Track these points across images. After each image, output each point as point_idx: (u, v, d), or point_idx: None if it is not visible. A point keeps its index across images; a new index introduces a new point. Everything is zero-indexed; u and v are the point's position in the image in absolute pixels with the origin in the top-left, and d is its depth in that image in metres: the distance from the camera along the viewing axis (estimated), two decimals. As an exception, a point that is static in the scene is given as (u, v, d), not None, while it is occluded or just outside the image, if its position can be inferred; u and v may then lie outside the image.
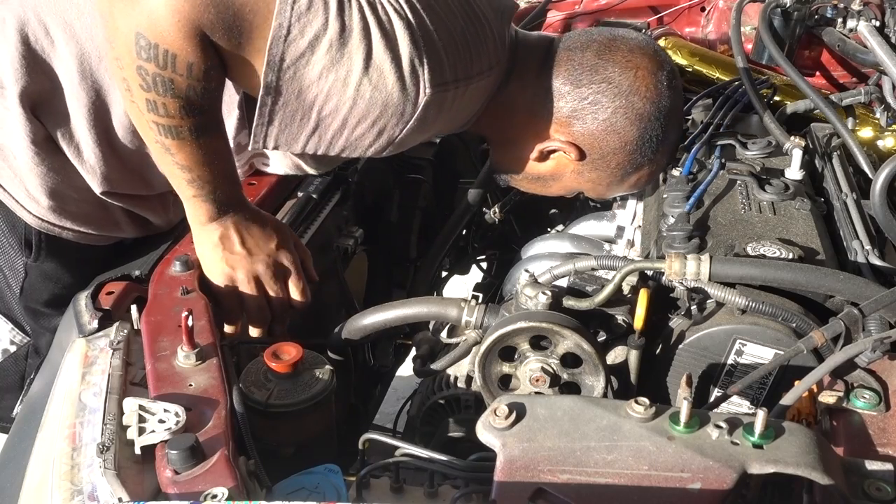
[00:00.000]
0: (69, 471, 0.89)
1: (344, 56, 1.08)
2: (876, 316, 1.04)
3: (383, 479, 1.02)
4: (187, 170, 1.16)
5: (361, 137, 1.17)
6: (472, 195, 1.72)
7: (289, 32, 1.06)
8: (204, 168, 1.17)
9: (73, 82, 1.28)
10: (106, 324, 1.13)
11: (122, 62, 1.09)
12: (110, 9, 1.07)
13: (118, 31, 1.07)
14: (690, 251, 1.19)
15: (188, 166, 1.16)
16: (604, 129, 1.29)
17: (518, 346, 1.12)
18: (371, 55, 1.09)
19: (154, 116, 1.11)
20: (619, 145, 1.30)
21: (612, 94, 1.27)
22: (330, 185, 1.56)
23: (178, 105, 1.10)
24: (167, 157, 1.16)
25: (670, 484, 0.79)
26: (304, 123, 1.14)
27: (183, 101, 1.10)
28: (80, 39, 1.27)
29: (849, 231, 1.29)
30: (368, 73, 1.09)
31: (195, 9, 1.04)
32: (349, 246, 1.54)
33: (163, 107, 1.10)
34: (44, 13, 1.26)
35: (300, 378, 1.09)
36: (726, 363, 1.10)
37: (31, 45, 1.26)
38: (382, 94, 1.11)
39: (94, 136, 1.31)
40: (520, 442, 0.83)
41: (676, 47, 1.97)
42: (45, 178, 1.33)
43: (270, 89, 1.10)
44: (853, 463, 0.86)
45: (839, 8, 1.77)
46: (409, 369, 1.34)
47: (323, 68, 1.09)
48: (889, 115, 1.61)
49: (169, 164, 1.17)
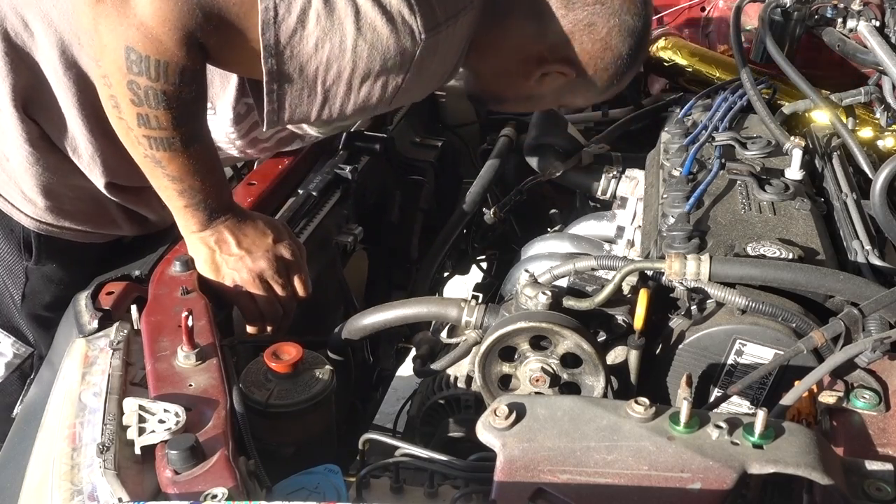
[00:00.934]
0: (69, 471, 0.89)
1: (334, 23, 1.09)
2: (876, 316, 1.04)
3: (383, 479, 1.02)
4: (178, 181, 1.18)
5: (368, 95, 1.18)
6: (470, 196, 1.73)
7: (276, 14, 1.07)
8: (195, 177, 1.18)
9: (58, 73, 1.28)
10: (106, 324, 1.13)
11: (111, 79, 1.09)
12: (95, 26, 1.07)
13: (106, 49, 1.08)
14: (690, 251, 1.19)
15: (179, 177, 1.17)
16: (600, 48, 1.32)
17: (518, 347, 1.12)
18: (360, 15, 1.09)
19: (145, 130, 1.12)
20: (611, 60, 1.34)
21: (606, 14, 1.30)
22: (330, 183, 1.56)
23: (170, 116, 1.11)
24: (158, 171, 1.17)
25: (670, 484, 0.79)
26: (312, 98, 1.15)
27: (175, 111, 1.11)
28: (59, 27, 1.26)
29: (849, 231, 1.29)
30: (362, 32, 1.10)
31: (183, 14, 1.05)
32: (348, 243, 1.54)
33: (154, 119, 1.11)
34: (20, 6, 1.26)
35: (300, 378, 1.09)
36: (726, 363, 1.10)
37: (11, 40, 1.26)
38: (380, 49, 1.12)
39: (87, 125, 1.31)
40: (520, 442, 0.83)
41: (676, 47, 1.97)
42: (40, 178, 1.33)
43: (273, 74, 1.11)
44: (853, 463, 0.86)
45: (839, 8, 1.77)
46: (409, 369, 1.34)
47: (318, 40, 1.10)
48: (889, 115, 1.61)
49: (159, 176, 1.18)
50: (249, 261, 1.24)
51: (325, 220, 1.50)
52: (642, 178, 1.61)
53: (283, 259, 1.27)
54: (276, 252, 1.26)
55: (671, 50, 1.96)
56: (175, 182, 1.18)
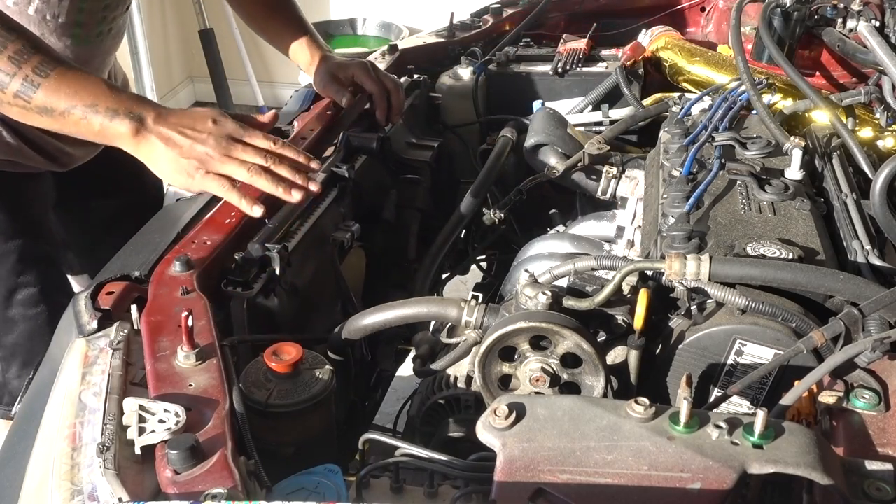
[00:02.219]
0: (69, 471, 0.89)
1: None
2: (876, 316, 1.04)
3: (383, 479, 1.02)
4: (73, 107, 1.18)
5: None
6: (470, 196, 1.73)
7: None
8: (84, 93, 1.18)
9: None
10: (106, 324, 1.13)
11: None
12: None
13: None
14: (690, 251, 1.19)
15: (71, 103, 1.17)
16: None
17: (518, 347, 1.12)
18: None
19: (11, 83, 1.14)
20: None
21: None
22: (327, 181, 1.56)
23: (6, 58, 1.13)
24: (47, 116, 1.18)
25: (670, 484, 0.79)
26: None
27: (6, 53, 1.12)
28: None
29: (849, 231, 1.29)
30: None
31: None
32: (345, 239, 1.54)
33: (2, 73, 1.13)
34: None
35: (300, 378, 1.09)
36: (726, 363, 1.10)
37: None
38: None
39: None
40: (520, 442, 0.83)
41: (676, 47, 1.97)
42: None
43: None
44: (853, 463, 0.86)
45: (839, 8, 1.77)
46: (409, 369, 1.34)
47: None
48: (889, 115, 1.61)
49: (55, 115, 1.18)
50: (206, 135, 1.24)
51: (321, 217, 1.50)
52: (642, 178, 1.61)
53: (230, 120, 1.27)
54: (220, 117, 1.27)
55: (671, 50, 1.96)
56: (73, 110, 1.18)
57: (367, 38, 4.78)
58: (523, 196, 1.71)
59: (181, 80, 5.12)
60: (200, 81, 5.08)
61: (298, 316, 1.37)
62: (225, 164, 1.25)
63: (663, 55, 1.99)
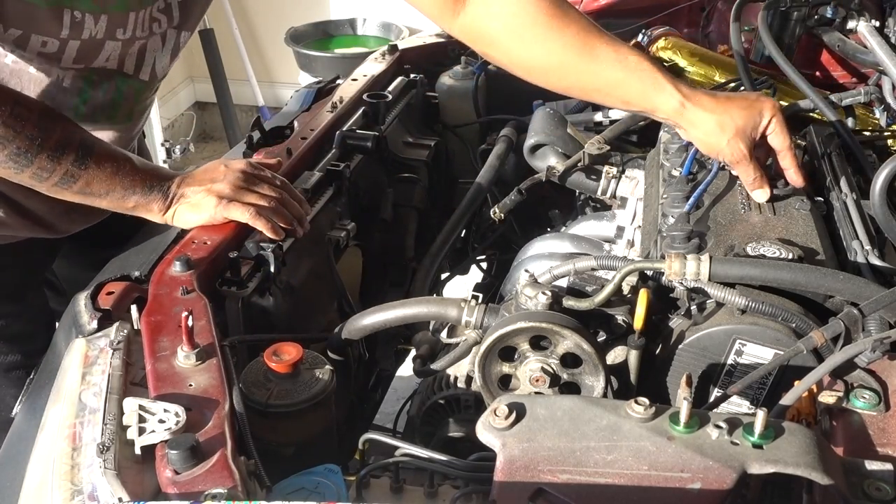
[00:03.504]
0: (69, 471, 0.89)
1: None
2: (876, 316, 1.04)
3: (383, 479, 1.03)
4: (111, 191, 1.23)
5: None
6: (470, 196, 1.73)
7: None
8: (121, 175, 1.23)
9: None
10: (106, 324, 1.13)
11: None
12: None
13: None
14: (690, 251, 1.19)
15: (110, 188, 1.23)
16: None
17: (518, 347, 1.12)
18: None
19: (50, 178, 1.17)
20: None
21: None
22: (323, 180, 1.56)
23: (46, 156, 1.15)
24: (82, 197, 1.22)
25: (670, 484, 0.79)
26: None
27: (46, 151, 1.15)
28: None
29: (849, 231, 1.29)
30: None
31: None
32: (341, 238, 1.54)
33: (41, 170, 1.16)
34: None
35: (300, 378, 1.09)
36: (726, 363, 1.10)
37: None
38: None
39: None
40: (520, 442, 0.83)
41: (676, 47, 1.96)
42: None
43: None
44: (853, 463, 0.86)
45: (839, 8, 1.77)
46: (409, 369, 1.34)
47: None
48: (889, 115, 1.61)
49: (91, 198, 1.23)
50: (221, 182, 1.30)
51: (318, 216, 1.50)
52: (642, 178, 1.61)
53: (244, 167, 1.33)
54: (234, 165, 1.33)
55: (671, 50, 1.96)
56: (108, 193, 1.23)
57: (367, 38, 4.79)
58: (523, 196, 1.71)
59: (181, 80, 5.12)
60: (200, 81, 5.08)
61: (294, 315, 1.36)
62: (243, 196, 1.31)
63: (663, 55, 1.99)
